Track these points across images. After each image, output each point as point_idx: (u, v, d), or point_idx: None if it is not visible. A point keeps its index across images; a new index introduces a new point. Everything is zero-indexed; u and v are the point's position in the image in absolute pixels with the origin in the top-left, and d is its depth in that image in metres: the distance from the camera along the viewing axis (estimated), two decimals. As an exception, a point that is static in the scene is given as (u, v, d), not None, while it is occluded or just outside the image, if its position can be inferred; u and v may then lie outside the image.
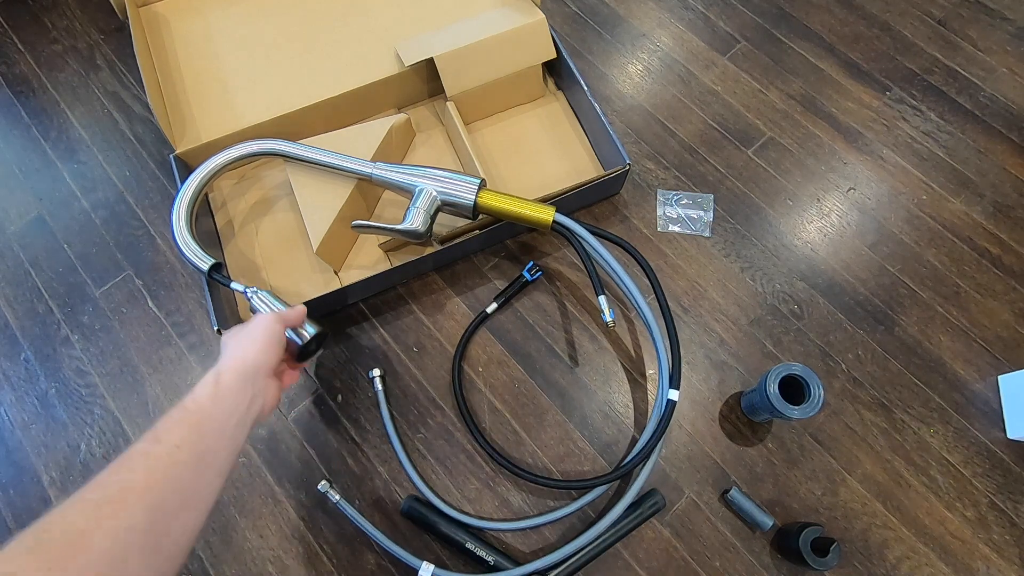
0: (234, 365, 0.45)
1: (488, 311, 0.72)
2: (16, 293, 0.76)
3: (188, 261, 0.62)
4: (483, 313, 0.72)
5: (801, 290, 0.74)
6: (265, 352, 0.48)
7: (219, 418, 0.42)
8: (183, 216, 0.63)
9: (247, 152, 0.68)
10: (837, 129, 0.84)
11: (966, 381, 0.70)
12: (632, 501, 0.61)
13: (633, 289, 0.63)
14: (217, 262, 0.62)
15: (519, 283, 0.73)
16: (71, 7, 0.94)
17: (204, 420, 0.42)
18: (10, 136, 0.85)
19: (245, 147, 0.68)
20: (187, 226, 0.63)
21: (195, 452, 0.40)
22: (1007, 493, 0.65)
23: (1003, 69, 0.87)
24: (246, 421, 0.44)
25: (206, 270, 0.62)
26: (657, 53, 0.89)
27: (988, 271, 0.75)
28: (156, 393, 0.71)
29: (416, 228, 0.63)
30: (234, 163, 0.68)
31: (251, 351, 0.47)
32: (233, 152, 0.67)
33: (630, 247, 0.65)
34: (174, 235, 0.63)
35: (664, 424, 0.59)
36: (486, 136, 0.81)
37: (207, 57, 0.78)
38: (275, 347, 0.49)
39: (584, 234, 0.63)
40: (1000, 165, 0.81)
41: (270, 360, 0.48)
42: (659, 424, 0.60)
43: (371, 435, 0.68)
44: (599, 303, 0.63)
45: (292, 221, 0.75)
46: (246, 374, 0.45)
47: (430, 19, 0.80)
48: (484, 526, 0.63)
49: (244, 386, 0.45)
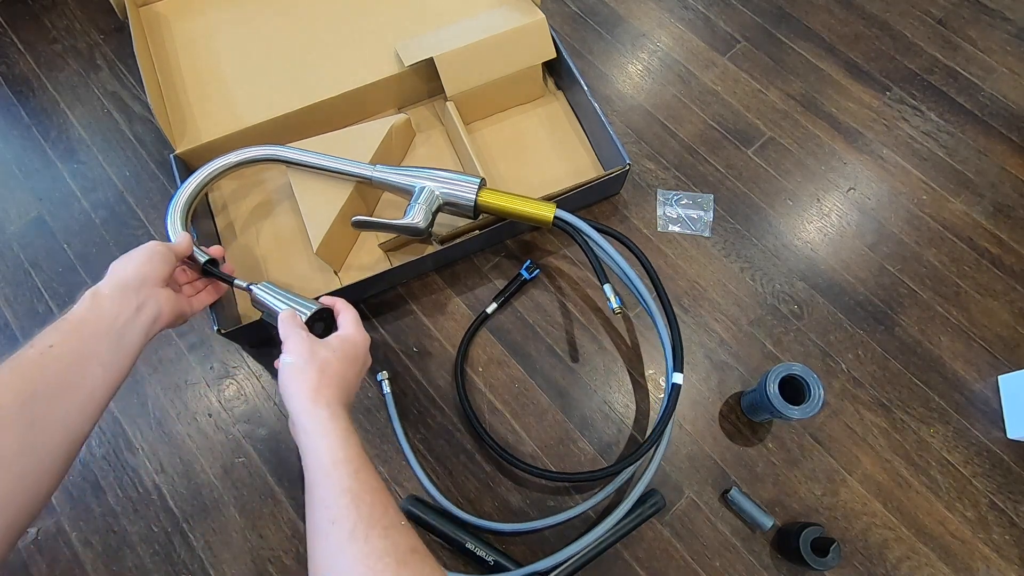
0: (113, 281, 0.48)
1: (488, 311, 0.72)
2: (16, 293, 0.76)
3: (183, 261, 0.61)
4: (483, 313, 0.72)
5: (801, 290, 0.74)
6: (145, 264, 0.50)
7: (100, 322, 0.45)
8: (178, 222, 0.62)
9: (245, 159, 0.67)
10: (837, 129, 0.84)
11: (966, 381, 0.70)
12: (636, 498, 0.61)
13: (635, 280, 0.63)
14: (212, 258, 0.61)
15: (518, 282, 0.73)
16: (71, 7, 0.94)
17: (82, 324, 0.44)
18: (10, 136, 0.85)
19: (243, 153, 0.67)
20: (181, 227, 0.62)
21: (70, 349, 0.43)
22: (1007, 493, 0.65)
23: (1003, 69, 0.87)
24: (136, 325, 0.47)
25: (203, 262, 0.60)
26: (657, 53, 0.89)
27: (988, 271, 0.75)
28: (156, 393, 0.71)
29: (417, 224, 0.62)
30: (231, 169, 0.67)
31: (131, 266, 0.49)
32: (231, 158, 0.67)
33: (627, 240, 0.65)
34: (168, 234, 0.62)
35: (671, 407, 0.59)
36: (486, 136, 0.81)
37: (207, 57, 0.78)
38: (156, 261, 0.51)
39: (585, 228, 0.63)
40: (1000, 165, 0.81)
41: (155, 272, 0.50)
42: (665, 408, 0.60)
43: (371, 434, 0.68)
44: (604, 291, 0.62)
45: (292, 222, 0.75)
46: (127, 286, 0.48)
47: (430, 19, 0.80)
48: (498, 528, 0.63)
49: (125, 295, 0.47)
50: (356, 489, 0.39)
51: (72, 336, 0.44)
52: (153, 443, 0.69)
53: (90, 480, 0.67)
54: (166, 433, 0.69)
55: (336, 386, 0.46)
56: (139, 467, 0.68)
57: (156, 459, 0.68)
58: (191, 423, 0.69)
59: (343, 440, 0.42)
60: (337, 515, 0.37)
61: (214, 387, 0.71)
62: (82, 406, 0.42)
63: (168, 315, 0.50)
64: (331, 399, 0.44)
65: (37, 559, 0.64)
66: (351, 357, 0.50)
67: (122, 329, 0.46)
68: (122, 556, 0.64)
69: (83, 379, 0.43)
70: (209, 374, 0.72)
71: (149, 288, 0.49)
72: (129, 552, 0.64)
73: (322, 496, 0.39)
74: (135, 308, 0.47)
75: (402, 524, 0.38)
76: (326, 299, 0.57)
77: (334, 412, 0.43)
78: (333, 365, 0.47)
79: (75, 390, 0.42)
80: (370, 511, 0.38)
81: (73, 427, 0.41)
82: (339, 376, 0.47)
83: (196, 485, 0.67)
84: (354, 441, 0.42)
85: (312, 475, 0.41)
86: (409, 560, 0.36)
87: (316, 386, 0.45)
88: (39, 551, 0.65)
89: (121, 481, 0.67)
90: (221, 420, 0.70)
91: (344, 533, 0.36)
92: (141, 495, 0.67)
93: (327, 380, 0.45)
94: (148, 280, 0.49)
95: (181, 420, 0.70)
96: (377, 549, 0.35)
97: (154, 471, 0.68)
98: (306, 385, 0.45)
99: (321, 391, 0.44)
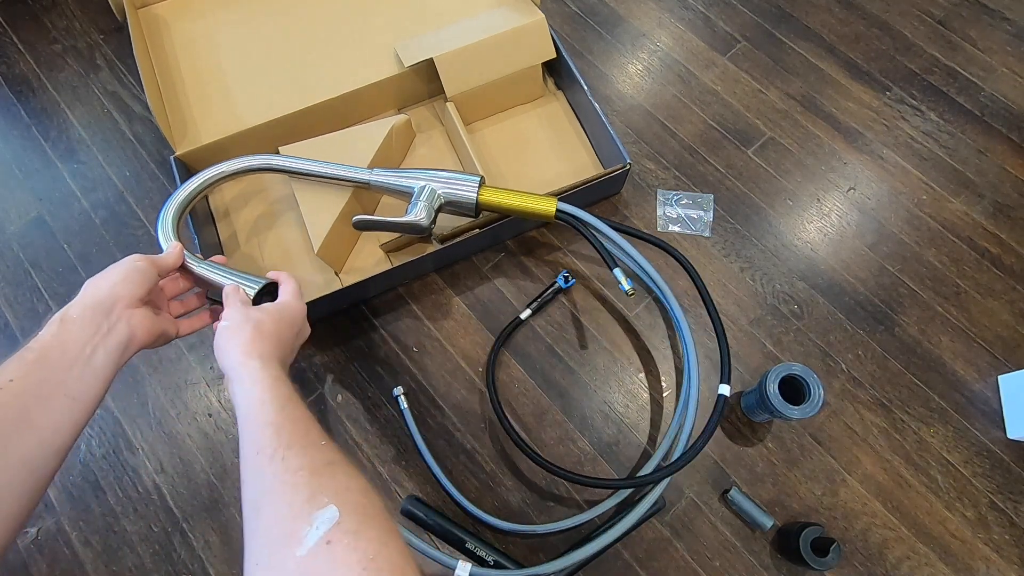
0: (83, 301, 0.46)
1: (522, 317, 0.72)
2: (16, 293, 0.76)
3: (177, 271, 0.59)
4: (517, 319, 0.72)
5: (801, 290, 0.74)
6: (120, 284, 0.48)
7: (66, 350, 0.43)
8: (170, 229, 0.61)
9: (240, 168, 0.66)
10: (837, 129, 0.84)
11: (966, 381, 0.70)
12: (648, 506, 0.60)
13: (646, 265, 0.63)
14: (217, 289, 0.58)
15: (553, 289, 0.73)
16: (71, 7, 0.94)
17: (45, 353, 0.42)
18: (10, 136, 0.85)
19: (238, 163, 0.66)
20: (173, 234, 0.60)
21: (33, 382, 0.40)
22: (1007, 493, 0.65)
23: (1003, 69, 0.87)
24: (106, 350, 0.45)
25: None
26: (657, 53, 0.89)
27: (988, 271, 0.75)
28: (156, 393, 0.71)
29: (419, 221, 0.62)
30: (226, 178, 0.66)
31: (104, 286, 0.47)
32: (226, 167, 0.65)
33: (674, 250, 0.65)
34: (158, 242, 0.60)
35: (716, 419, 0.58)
36: (486, 136, 0.81)
37: (207, 59, 0.78)
38: (133, 278, 0.48)
39: (589, 219, 0.63)
40: (1000, 165, 0.81)
41: (130, 292, 0.48)
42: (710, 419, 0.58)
43: (371, 435, 0.68)
44: (615, 275, 0.61)
45: (293, 223, 0.75)
46: (98, 307, 0.45)
47: (430, 19, 0.80)
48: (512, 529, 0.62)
49: (95, 318, 0.45)
50: (279, 421, 0.40)
51: (35, 368, 0.41)
52: (153, 443, 0.69)
53: (90, 480, 0.67)
54: (166, 433, 0.69)
55: (270, 343, 0.47)
56: (139, 467, 0.68)
57: (156, 459, 0.68)
58: (191, 423, 0.69)
59: (272, 384, 0.42)
60: (262, 445, 0.38)
61: (214, 387, 0.71)
62: (47, 442, 0.39)
63: (144, 336, 0.48)
64: (264, 353, 0.45)
65: (37, 559, 0.64)
66: (287, 320, 0.50)
67: (91, 356, 0.44)
68: (122, 556, 0.64)
69: (47, 414, 0.40)
70: (209, 374, 0.72)
71: (121, 309, 0.46)
72: (129, 552, 0.64)
73: (250, 432, 0.40)
74: (105, 332, 0.45)
75: (322, 444, 0.39)
76: (272, 273, 0.57)
77: (266, 363, 0.44)
78: (267, 324, 0.48)
79: (37, 427, 0.39)
80: (290, 436, 0.39)
81: (36, 466, 0.39)
82: (273, 335, 0.48)
83: (196, 485, 0.67)
84: (284, 387, 0.43)
85: (242, 419, 0.41)
86: (323, 471, 0.37)
87: (250, 341, 0.46)
88: (39, 551, 0.65)
89: (121, 481, 0.67)
90: (221, 420, 0.70)
91: (265, 458, 0.37)
92: (141, 495, 0.67)
93: (260, 336, 0.46)
94: (121, 300, 0.47)
95: (181, 420, 0.70)
96: (293, 465, 0.37)
97: (154, 471, 0.68)
98: (239, 341, 0.46)
99: (254, 345, 0.45)
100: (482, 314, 0.73)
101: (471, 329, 0.73)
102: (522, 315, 0.72)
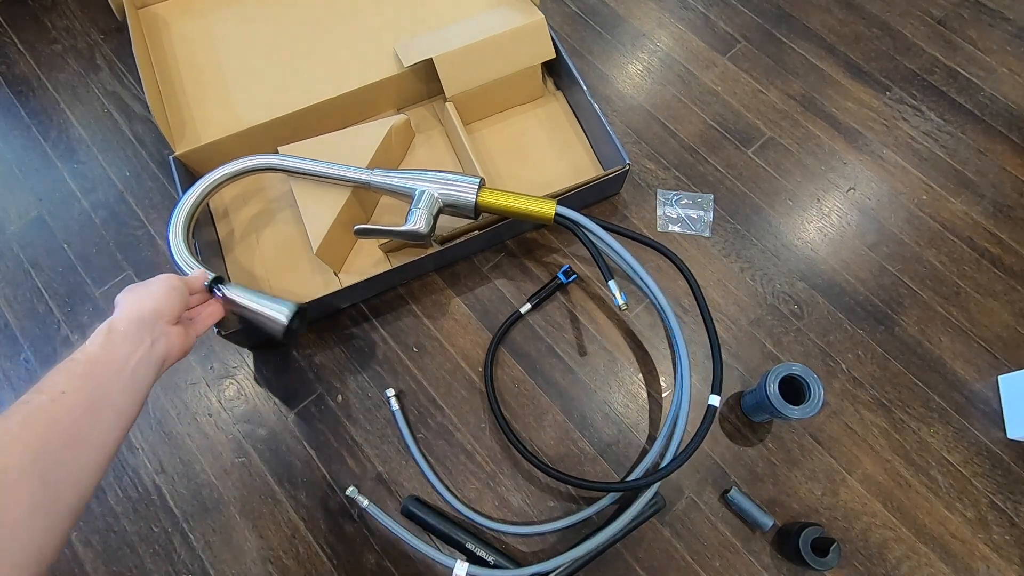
0: (128, 315, 0.46)
1: (522, 311, 0.72)
2: (16, 293, 0.76)
3: None
4: (516, 313, 0.72)
5: (801, 290, 0.74)
6: (162, 301, 0.48)
7: (113, 362, 0.43)
8: (181, 240, 0.62)
9: (242, 168, 0.67)
10: (837, 129, 0.84)
11: (966, 381, 0.70)
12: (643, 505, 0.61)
13: (643, 274, 0.63)
14: (218, 276, 0.59)
15: (553, 284, 0.73)
16: (71, 7, 0.94)
17: (95, 366, 0.42)
18: (10, 136, 0.85)
19: (240, 164, 0.67)
20: (184, 246, 0.62)
21: (84, 395, 0.40)
22: (1007, 493, 0.65)
23: (1003, 69, 0.87)
24: (148, 364, 0.45)
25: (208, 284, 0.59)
26: (657, 53, 0.89)
27: (988, 271, 0.75)
28: (156, 393, 0.71)
29: (419, 229, 0.62)
30: (229, 180, 0.67)
31: (148, 301, 0.48)
32: (228, 169, 0.66)
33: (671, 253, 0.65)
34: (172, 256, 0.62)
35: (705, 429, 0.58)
36: (486, 136, 0.81)
37: (207, 58, 0.78)
38: (174, 297, 0.50)
39: (588, 223, 0.63)
40: (1000, 165, 0.81)
41: (171, 309, 0.49)
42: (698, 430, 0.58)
43: (371, 435, 0.68)
44: (610, 288, 0.62)
45: (293, 225, 0.75)
46: (143, 321, 0.46)
47: (429, 19, 0.80)
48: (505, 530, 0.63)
49: (140, 332, 0.46)
50: None
51: (86, 380, 0.41)
52: (153, 443, 0.69)
53: (90, 480, 0.67)
54: (166, 433, 0.69)
55: None
56: (139, 467, 0.68)
57: (156, 459, 0.68)
58: (191, 423, 0.69)
59: None
60: None
61: (214, 387, 0.71)
62: (94, 459, 0.39)
63: (177, 353, 0.49)
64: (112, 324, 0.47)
65: (37, 559, 0.64)
66: None
67: (134, 370, 0.44)
68: (122, 556, 0.64)
69: (96, 428, 0.40)
70: (209, 374, 0.72)
71: (163, 325, 0.47)
72: (129, 552, 0.64)
73: None
74: (148, 346, 0.45)
75: None
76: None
77: None
78: None
79: (88, 442, 0.39)
80: None
81: (83, 484, 0.38)
82: None
83: (196, 485, 0.67)
84: None
85: None
86: None
87: None
88: (39, 551, 0.65)
89: (121, 481, 0.67)
90: (221, 420, 0.70)
91: None
92: (141, 495, 0.67)
93: None
94: (163, 316, 0.48)
95: (181, 420, 0.70)
96: None
97: (154, 471, 0.68)
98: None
99: None
100: (482, 314, 0.73)
101: (471, 329, 0.73)
102: (522, 309, 0.72)
